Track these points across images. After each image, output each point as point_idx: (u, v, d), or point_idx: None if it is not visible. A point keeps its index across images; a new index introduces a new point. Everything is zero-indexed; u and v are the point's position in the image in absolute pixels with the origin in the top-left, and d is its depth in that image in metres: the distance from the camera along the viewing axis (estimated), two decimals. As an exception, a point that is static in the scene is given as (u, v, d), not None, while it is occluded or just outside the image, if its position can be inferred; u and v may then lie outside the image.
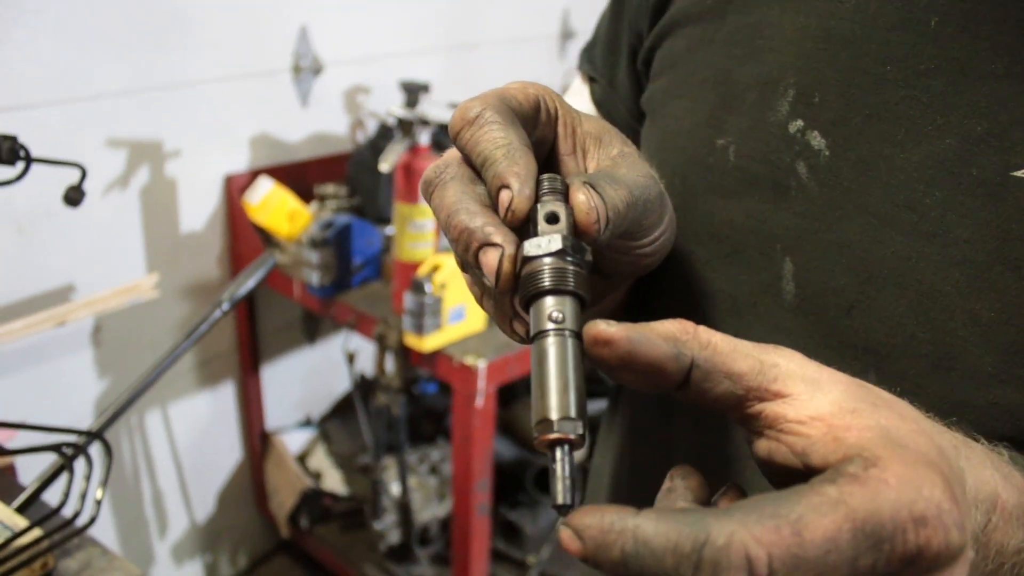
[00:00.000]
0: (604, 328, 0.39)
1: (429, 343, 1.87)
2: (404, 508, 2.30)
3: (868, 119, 0.57)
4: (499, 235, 0.44)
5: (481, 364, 1.86)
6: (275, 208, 2.20)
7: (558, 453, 0.40)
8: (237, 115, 2.25)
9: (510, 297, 0.46)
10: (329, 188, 2.29)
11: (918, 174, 0.54)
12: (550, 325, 0.43)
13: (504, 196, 0.45)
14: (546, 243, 0.44)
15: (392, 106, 1.99)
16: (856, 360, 0.57)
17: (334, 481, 2.53)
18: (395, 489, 2.31)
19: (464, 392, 1.91)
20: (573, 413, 0.40)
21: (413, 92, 2.02)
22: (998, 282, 0.51)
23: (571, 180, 0.46)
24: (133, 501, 2.32)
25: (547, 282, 0.43)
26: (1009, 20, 0.52)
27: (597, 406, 2.30)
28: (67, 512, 0.89)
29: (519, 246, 0.45)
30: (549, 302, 0.43)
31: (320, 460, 2.58)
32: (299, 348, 2.66)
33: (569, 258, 0.44)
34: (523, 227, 0.46)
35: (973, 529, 0.40)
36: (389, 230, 2.18)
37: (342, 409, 2.77)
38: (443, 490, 2.41)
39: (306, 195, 2.32)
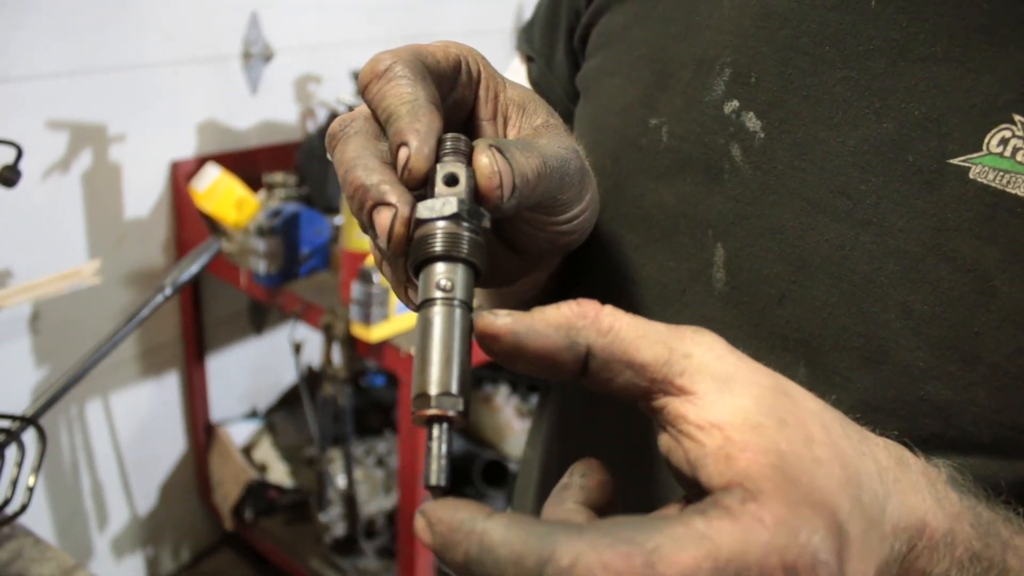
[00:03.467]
0: (491, 321, 0.37)
1: (376, 333, 1.86)
2: (350, 500, 2.28)
3: (805, 100, 0.55)
4: (394, 194, 0.41)
5: (429, 355, 1.85)
6: (222, 196, 2.17)
7: (435, 431, 0.38)
8: (185, 100, 2.21)
9: (404, 262, 0.43)
10: (278, 177, 2.27)
11: (854, 159, 0.53)
12: (438, 293, 0.40)
13: (402, 153, 0.42)
14: (440, 206, 0.41)
15: (343, 95, 1.97)
16: (786, 352, 0.55)
17: (279, 473, 2.50)
18: (341, 481, 2.30)
19: (411, 384, 1.89)
20: (454, 389, 0.38)
21: (364, 81, 2.01)
22: (932, 274, 0.50)
23: (477, 143, 0.44)
24: (72, 493, 2.26)
25: (438, 247, 0.40)
26: (949, 2, 0.51)
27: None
28: (-3, 499, 0.87)
29: (415, 208, 0.42)
30: (439, 269, 0.40)
31: (266, 452, 2.55)
32: (245, 338, 2.63)
33: (464, 224, 0.41)
34: (423, 188, 0.43)
35: (886, 558, 0.39)
36: (337, 219, 2.17)
37: (289, 401, 2.74)
38: (390, 483, 2.40)
39: (254, 183, 2.29)
